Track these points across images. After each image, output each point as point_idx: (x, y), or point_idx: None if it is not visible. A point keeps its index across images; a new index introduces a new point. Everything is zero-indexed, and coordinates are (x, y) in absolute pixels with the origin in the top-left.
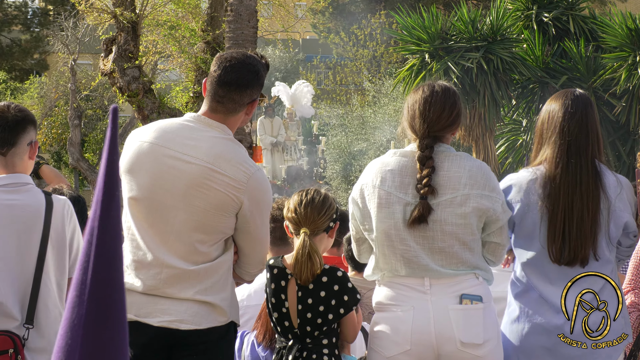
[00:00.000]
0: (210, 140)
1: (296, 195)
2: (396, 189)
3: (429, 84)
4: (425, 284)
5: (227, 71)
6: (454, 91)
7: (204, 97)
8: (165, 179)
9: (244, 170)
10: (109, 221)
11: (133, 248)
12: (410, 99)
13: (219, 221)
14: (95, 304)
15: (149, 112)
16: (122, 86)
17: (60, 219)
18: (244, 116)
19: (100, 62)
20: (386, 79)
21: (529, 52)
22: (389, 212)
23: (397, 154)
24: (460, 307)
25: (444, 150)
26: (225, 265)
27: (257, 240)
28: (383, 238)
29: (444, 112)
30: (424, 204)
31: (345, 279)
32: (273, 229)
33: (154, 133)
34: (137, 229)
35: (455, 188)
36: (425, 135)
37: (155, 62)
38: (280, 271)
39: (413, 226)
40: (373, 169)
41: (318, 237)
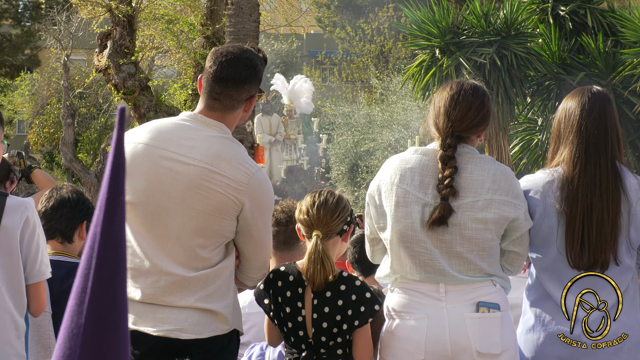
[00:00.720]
0: (208, 140)
1: (309, 197)
2: (415, 188)
3: (458, 81)
4: (440, 290)
5: (223, 66)
6: (484, 91)
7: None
8: (162, 182)
9: (244, 170)
10: (113, 227)
11: (129, 255)
12: (437, 96)
13: (220, 224)
14: (95, 313)
15: (145, 111)
16: (118, 83)
17: (12, 220)
18: (243, 113)
19: (95, 58)
20: (394, 75)
21: (545, 48)
22: (407, 211)
23: (419, 152)
24: (477, 316)
25: (468, 152)
26: (227, 270)
27: (259, 243)
28: (398, 238)
29: (469, 112)
30: (445, 206)
31: (364, 288)
32: (277, 233)
33: (149, 134)
34: (134, 234)
35: (478, 192)
36: (449, 134)
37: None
38: (297, 278)
39: (432, 228)
40: (392, 166)
41: (331, 240)
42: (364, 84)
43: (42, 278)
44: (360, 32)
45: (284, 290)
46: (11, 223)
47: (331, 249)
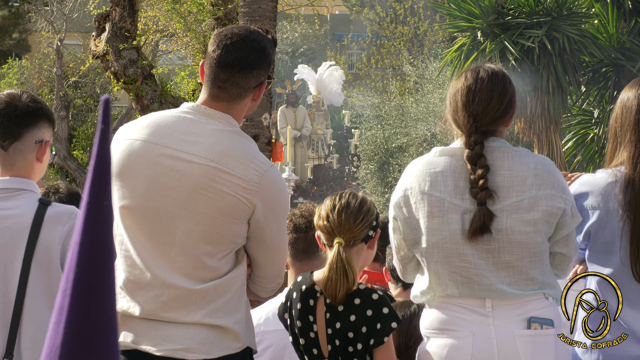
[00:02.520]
0: (214, 134)
1: (328, 200)
2: (450, 194)
3: (472, 69)
4: (486, 305)
5: (228, 50)
6: (504, 75)
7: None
8: (163, 183)
9: (255, 167)
10: (94, 236)
11: (127, 266)
12: (451, 89)
13: (229, 229)
14: (73, 334)
15: (149, 102)
16: (117, 71)
17: (52, 233)
18: (251, 102)
19: (92, 42)
20: (430, 61)
21: (601, 30)
22: (443, 221)
23: (444, 153)
24: (529, 333)
25: (501, 146)
26: (238, 280)
27: (273, 249)
28: (435, 253)
29: (491, 102)
30: (484, 211)
31: (382, 303)
32: (296, 240)
33: (146, 129)
34: (132, 243)
35: (521, 190)
36: (472, 130)
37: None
38: (309, 288)
39: (475, 238)
40: (417, 171)
41: (355, 248)
42: (396, 72)
43: None
44: (392, 13)
45: (296, 303)
46: (51, 237)
47: (355, 258)
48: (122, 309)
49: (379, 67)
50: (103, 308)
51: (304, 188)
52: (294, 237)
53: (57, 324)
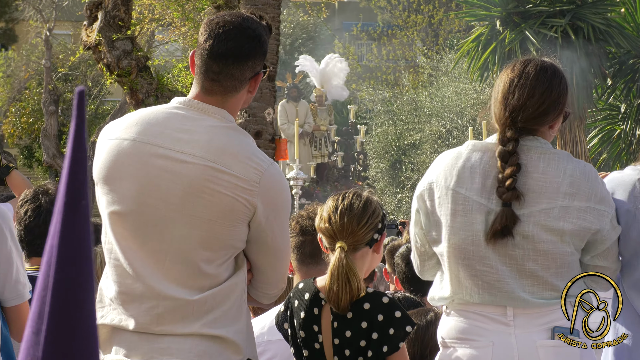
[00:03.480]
0: (209, 131)
1: (330, 201)
2: (476, 193)
3: (523, 60)
4: (507, 313)
5: (220, 40)
6: (556, 72)
7: None
8: (155, 185)
9: (254, 166)
10: (72, 238)
11: (118, 276)
12: (498, 79)
13: (228, 233)
14: (54, 344)
15: (144, 96)
16: (110, 63)
17: None
18: (247, 95)
19: (83, 32)
20: (445, 52)
21: (629, 19)
22: (466, 221)
23: (477, 148)
24: (552, 344)
25: (539, 146)
26: (238, 288)
27: (275, 252)
28: (456, 254)
29: (532, 99)
30: (507, 213)
31: (394, 306)
32: (302, 244)
33: (135, 127)
34: (123, 251)
35: (552, 197)
36: (507, 125)
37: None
38: (313, 296)
39: (495, 241)
40: (445, 164)
41: (359, 253)
42: (409, 63)
43: (21, 301)
44: (404, 0)
45: (298, 312)
46: None
47: (359, 263)
48: (114, 323)
49: (390, 58)
50: (84, 313)
51: (307, 188)
52: (300, 240)
53: (35, 334)
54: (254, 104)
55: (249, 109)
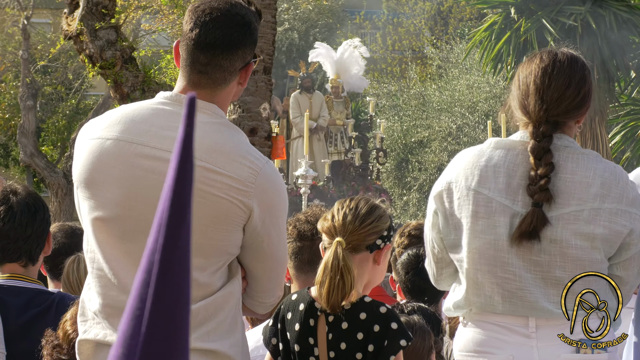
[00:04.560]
0: (198, 128)
1: (337, 203)
2: (500, 194)
3: (548, 50)
4: (529, 325)
5: (207, 28)
6: (584, 63)
7: None
8: (142, 188)
9: (249, 165)
10: (175, 256)
11: (102, 288)
12: (522, 71)
13: (222, 238)
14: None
15: (129, 90)
16: (93, 54)
17: None
18: (237, 87)
19: (63, 20)
20: (456, 42)
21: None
22: (489, 224)
23: (500, 145)
24: (578, 358)
25: (568, 146)
26: (233, 297)
27: (272, 258)
28: (476, 260)
29: (569, 89)
30: (537, 214)
31: (391, 317)
32: (300, 250)
33: (118, 125)
34: (107, 260)
35: (582, 198)
36: (543, 119)
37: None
38: (309, 306)
39: (520, 244)
40: (465, 163)
41: (358, 256)
42: (416, 54)
43: None
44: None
45: (292, 324)
46: None
47: (357, 266)
48: (98, 338)
49: (396, 49)
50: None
51: (321, 188)
52: (297, 246)
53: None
54: (249, 99)
55: (244, 104)
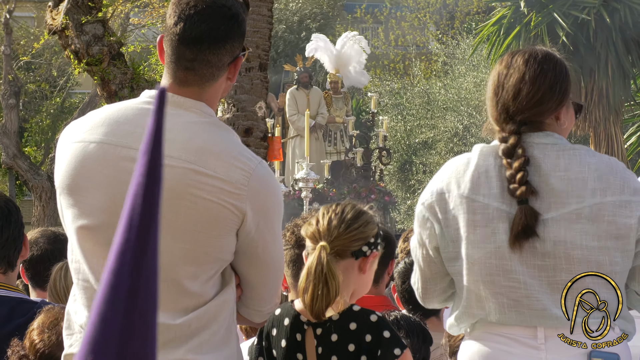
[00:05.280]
0: (187, 128)
1: (322, 208)
2: (496, 199)
3: (512, 51)
4: (538, 336)
5: (193, 22)
6: (547, 55)
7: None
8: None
9: (241, 166)
10: (147, 256)
11: (88, 300)
12: (490, 77)
13: (215, 244)
14: None
15: (117, 87)
16: (79, 49)
17: None
18: (226, 83)
19: (48, 14)
20: (462, 38)
21: None
22: (487, 232)
23: (488, 151)
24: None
25: (555, 143)
26: (227, 307)
27: (268, 264)
28: (477, 270)
29: (524, 86)
30: (526, 210)
31: (383, 325)
32: (298, 258)
33: (102, 127)
34: (93, 271)
35: (582, 195)
36: (503, 119)
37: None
38: (294, 320)
39: (519, 246)
40: (454, 171)
41: (343, 262)
42: (420, 50)
43: None
44: None
45: (278, 341)
46: None
47: (342, 274)
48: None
49: (399, 44)
50: None
51: (320, 191)
52: (295, 253)
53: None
54: (244, 97)
55: (238, 103)
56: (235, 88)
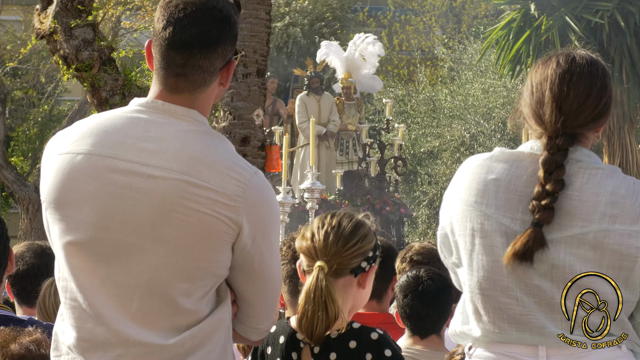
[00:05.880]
0: (179, 138)
1: (317, 220)
2: (498, 211)
3: (565, 53)
4: (540, 354)
5: (183, 26)
6: (604, 67)
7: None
8: (119, 207)
9: (236, 176)
10: None
11: (76, 320)
12: (535, 74)
13: (209, 259)
14: None
15: (108, 94)
16: (68, 54)
17: None
18: (219, 88)
19: (35, 18)
20: (470, 42)
21: None
22: (485, 244)
23: (506, 156)
24: None
25: (580, 160)
26: (223, 325)
27: (265, 279)
28: (476, 283)
29: (589, 99)
30: (536, 235)
31: (384, 343)
32: (295, 273)
33: (89, 138)
34: (82, 289)
35: (587, 219)
36: (560, 131)
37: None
38: (290, 338)
39: (512, 264)
40: (467, 175)
41: (341, 280)
42: (426, 55)
43: None
44: None
45: (273, 359)
46: None
47: (340, 292)
48: None
49: (403, 49)
50: None
51: (332, 202)
52: (292, 268)
53: None
54: (241, 105)
55: (235, 111)
56: (231, 95)
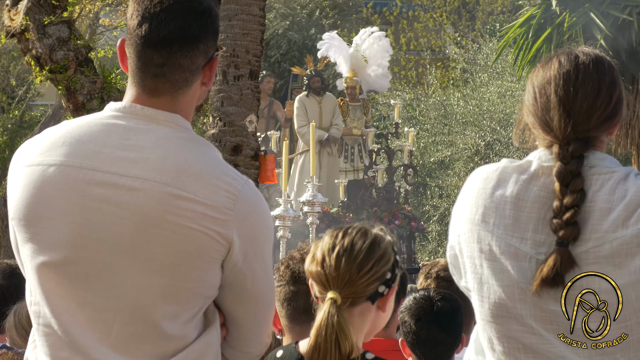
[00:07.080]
0: (161, 145)
1: (327, 237)
2: (506, 231)
3: (567, 52)
4: None
5: (159, 21)
6: (610, 62)
7: None
8: (96, 223)
9: (225, 187)
10: None
11: (50, 348)
12: (536, 77)
13: (197, 279)
14: None
15: (85, 99)
16: (41, 54)
17: None
18: (201, 89)
19: (5, 14)
20: (485, 41)
21: None
22: (495, 268)
23: (511, 169)
24: None
25: (594, 165)
26: (211, 350)
27: (257, 299)
28: (487, 310)
29: (598, 98)
30: (564, 255)
31: None
32: (294, 296)
33: (63, 147)
34: (56, 314)
35: (599, 230)
36: (571, 137)
37: (95, 15)
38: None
39: (541, 291)
40: (472, 190)
41: (357, 309)
42: (436, 55)
43: None
44: None
45: None
46: None
47: (357, 321)
48: None
49: (411, 49)
50: None
51: (335, 215)
52: (291, 290)
53: None
54: (232, 110)
55: (225, 117)
56: (222, 99)
